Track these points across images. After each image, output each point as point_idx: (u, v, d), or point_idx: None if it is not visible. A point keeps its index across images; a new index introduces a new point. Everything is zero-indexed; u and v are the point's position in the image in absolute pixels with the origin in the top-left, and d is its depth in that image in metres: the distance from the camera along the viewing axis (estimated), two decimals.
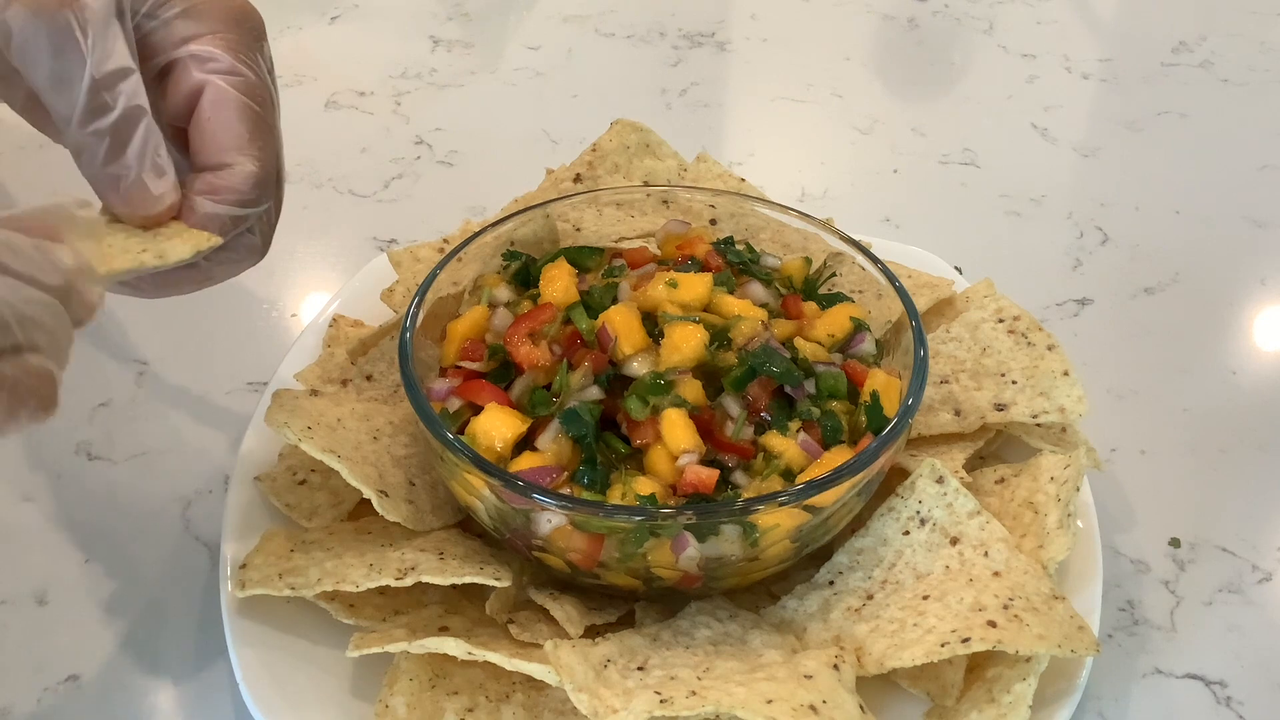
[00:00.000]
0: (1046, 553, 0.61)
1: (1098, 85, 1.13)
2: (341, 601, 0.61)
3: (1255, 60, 1.16)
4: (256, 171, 0.55)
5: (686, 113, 1.08)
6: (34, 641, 0.65)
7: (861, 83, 1.13)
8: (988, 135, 1.05)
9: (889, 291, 0.68)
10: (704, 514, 0.57)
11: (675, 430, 0.60)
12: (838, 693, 0.55)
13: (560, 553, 0.59)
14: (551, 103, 1.08)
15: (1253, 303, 0.90)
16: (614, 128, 0.85)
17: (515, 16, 1.21)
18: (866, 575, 0.62)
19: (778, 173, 0.99)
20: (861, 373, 0.65)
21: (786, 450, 0.61)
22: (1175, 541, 0.71)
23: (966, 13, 1.22)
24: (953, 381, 0.71)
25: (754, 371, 0.62)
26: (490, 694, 0.59)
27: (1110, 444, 0.76)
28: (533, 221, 0.74)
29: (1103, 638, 0.63)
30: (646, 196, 0.77)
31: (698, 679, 0.55)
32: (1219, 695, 0.64)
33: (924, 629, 0.58)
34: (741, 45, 1.17)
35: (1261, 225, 0.96)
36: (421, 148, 1.01)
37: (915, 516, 0.63)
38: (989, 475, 0.68)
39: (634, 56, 1.15)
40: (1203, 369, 0.84)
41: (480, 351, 0.66)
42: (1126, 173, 1.02)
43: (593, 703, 0.53)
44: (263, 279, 0.88)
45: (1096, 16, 1.26)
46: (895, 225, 0.94)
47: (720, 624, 0.61)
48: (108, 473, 0.74)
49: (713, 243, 0.73)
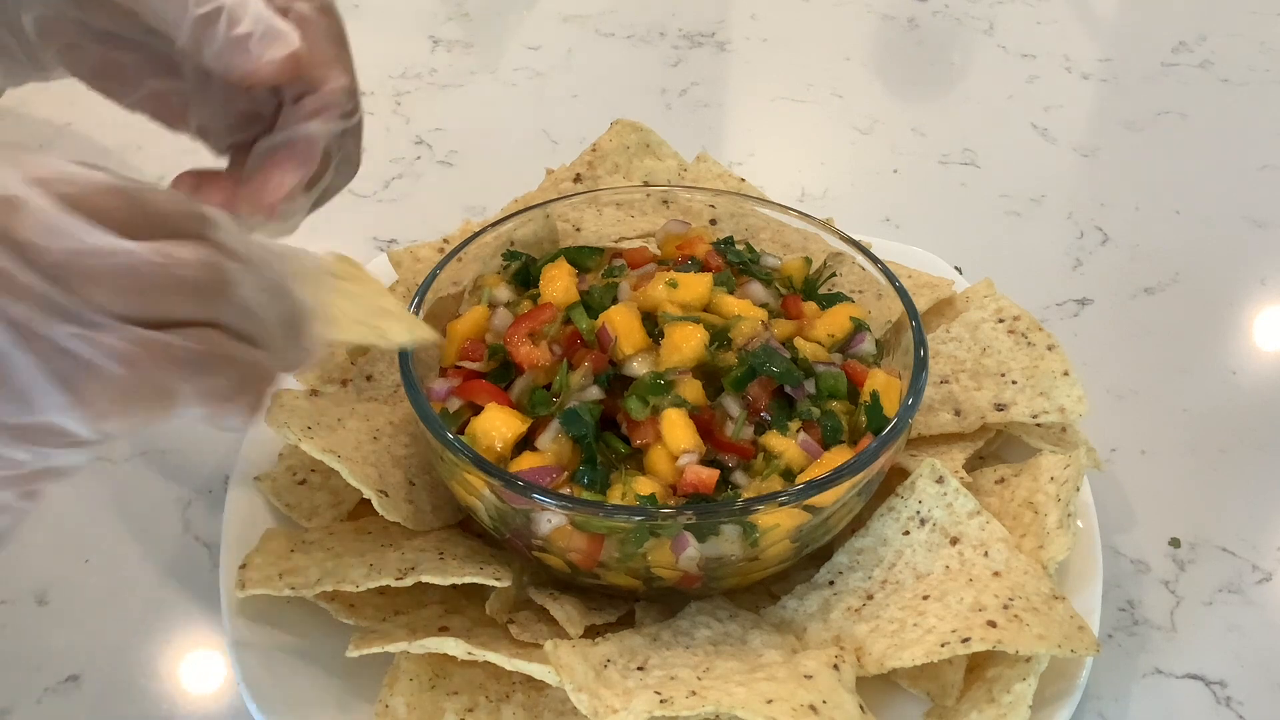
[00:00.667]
0: (1046, 553, 0.61)
1: (1098, 85, 1.13)
2: (341, 601, 0.61)
3: (1255, 60, 1.16)
4: (348, 84, 0.58)
5: (686, 113, 1.08)
6: (34, 641, 0.65)
7: (861, 83, 1.13)
8: (988, 135, 1.05)
9: (889, 291, 0.68)
10: (704, 514, 0.57)
11: (675, 430, 0.60)
12: (838, 693, 0.55)
13: (560, 553, 0.59)
14: (551, 103, 1.08)
15: (1253, 303, 0.90)
16: (614, 128, 0.85)
17: (515, 16, 1.21)
18: (866, 575, 0.62)
19: (778, 173, 0.99)
20: (861, 373, 0.65)
21: (786, 450, 0.61)
22: (1175, 541, 0.71)
23: (966, 13, 1.22)
24: (953, 381, 0.71)
25: (754, 371, 0.62)
26: (490, 694, 0.59)
27: (1110, 444, 0.76)
28: (533, 221, 0.74)
29: (1103, 638, 0.63)
30: (646, 196, 0.77)
31: (698, 679, 0.55)
32: (1219, 695, 0.64)
33: (924, 629, 0.58)
34: (741, 45, 1.17)
35: (1261, 225, 0.96)
36: (421, 148, 1.01)
37: (915, 516, 0.63)
38: (989, 475, 0.68)
39: (634, 56, 1.15)
40: (1203, 369, 0.84)
41: (480, 351, 0.66)
42: (1126, 173, 1.02)
43: (593, 703, 0.53)
44: None
45: (1096, 16, 1.26)
46: (895, 225, 0.94)
47: (720, 624, 0.61)
48: (108, 473, 0.74)
49: (713, 243, 0.73)
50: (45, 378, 0.37)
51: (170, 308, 0.39)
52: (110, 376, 0.37)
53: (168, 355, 0.38)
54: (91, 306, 0.37)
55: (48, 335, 0.36)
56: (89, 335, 0.37)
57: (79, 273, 0.37)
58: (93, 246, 0.37)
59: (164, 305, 0.38)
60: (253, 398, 0.42)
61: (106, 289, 0.37)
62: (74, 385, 0.37)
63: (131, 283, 0.38)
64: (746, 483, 0.60)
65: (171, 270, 0.38)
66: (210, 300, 0.40)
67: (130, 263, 0.38)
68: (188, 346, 0.39)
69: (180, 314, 0.39)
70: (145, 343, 0.38)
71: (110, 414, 0.38)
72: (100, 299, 0.37)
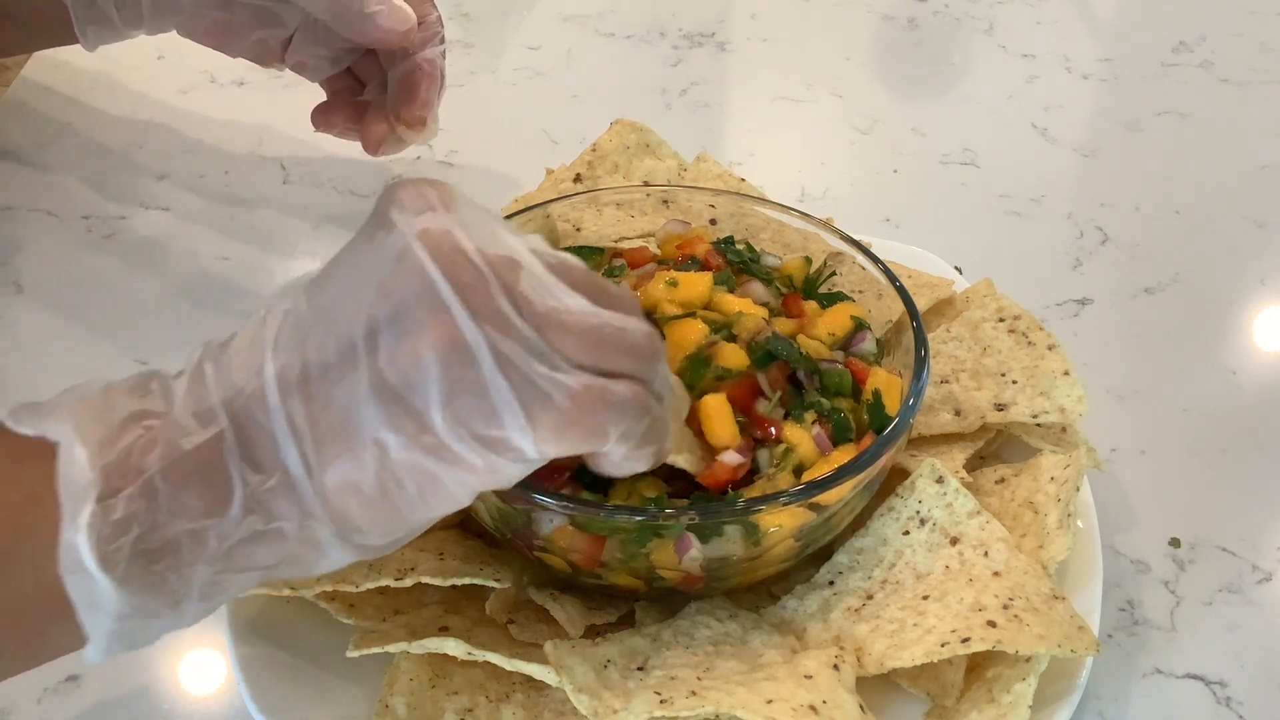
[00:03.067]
0: (1046, 553, 0.61)
1: (1098, 85, 1.13)
2: (341, 601, 0.61)
3: (1255, 60, 1.16)
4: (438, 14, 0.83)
5: (686, 113, 1.08)
6: None
7: (861, 83, 1.13)
8: (988, 135, 1.05)
9: (889, 291, 0.68)
10: (706, 514, 0.57)
11: (716, 420, 0.59)
12: (838, 693, 0.55)
13: (562, 553, 0.59)
14: (551, 103, 1.08)
15: (1253, 303, 0.90)
16: (614, 128, 0.85)
17: (515, 16, 1.21)
18: (866, 575, 0.62)
19: (778, 173, 0.99)
20: (863, 371, 0.65)
21: (802, 443, 0.60)
22: (1175, 541, 0.71)
23: (966, 13, 1.22)
24: (953, 381, 0.71)
25: (771, 355, 0.62)
26: (490, 694, 0.59)
27: (1110, 444, 0.76)
28: (533, 221, 0.74)
29: (1103, 638, 0.63)
30: (646, 196, 0.77)
31: (698, 679, 0.55)
32: (1219, 695, 0.64)
33: (924, 629, 0.58)
34: (741, 45, 1.17)
35: (1261, 225, 0.96)
36: (421, 148, 1.01)
37: (915, 516, 0.63)
38: (989, 475, 0.68)
39: (634, 56, 1.15)
40: (1203, 369, 0.84)
41: None
42: (1126, 173, 1.02)
43: (593, 703, 0.53)
44: (264, 279, 0.88)
45: (1096, 16, 1.26)
46: (895, 225, 0.94)
47: (720, 624, 0.60)
48: None
49: (713, 242, 0.73)
50: (514, 401, 0.44)
51: (616, 363, 0.47)
52: (560, 409, 0.45)
53: (606, 399, 0.46)
54: (559, 352, 0.45)
55: (524, 368, 0.44)
56: (552, 375, 0.45)
57: (555, 324, 0.45)
58: (568, 306, 0.46)
59: (612, 360, 0.47)
60: (659, 446, 0.51)
61: (573, 340, 0.46)
62: (531, 411, 0.45)
63: (593, 339, 0.46)
64: (768, 463, 0.60)
65: (625, 334, 0.47)
66: (647, 363, 0.48)
67: (595, 323, 0.46)
68: (623, 394, 0.47)
69: (621, 369, 0.47)
70: (592, 388, 0.46)
71: (553, 439, 0.45)
72: (567, 347, 0.45)
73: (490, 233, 0.46)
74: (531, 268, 0.46)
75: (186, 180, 0.97)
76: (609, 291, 0.49)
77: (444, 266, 0.44)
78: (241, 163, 0.99)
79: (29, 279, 0.88)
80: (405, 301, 0.44)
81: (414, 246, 0.45)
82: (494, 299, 0.44)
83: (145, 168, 0.98)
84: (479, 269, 0.45)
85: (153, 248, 0.91)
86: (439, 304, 0.44)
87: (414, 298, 0.44)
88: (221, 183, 0.97)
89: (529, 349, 0.45)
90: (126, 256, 0.90)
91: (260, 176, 0.98)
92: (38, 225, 0.92)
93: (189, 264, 0.90)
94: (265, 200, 0.96)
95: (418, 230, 0.45)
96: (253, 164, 0.99)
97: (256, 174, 0.98)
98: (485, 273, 0.45)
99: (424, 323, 0.44)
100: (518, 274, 0.46)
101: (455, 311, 0.44)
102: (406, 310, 0.44)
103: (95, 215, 0.93)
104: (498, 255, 0.46)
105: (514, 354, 0.44)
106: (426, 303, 0.44)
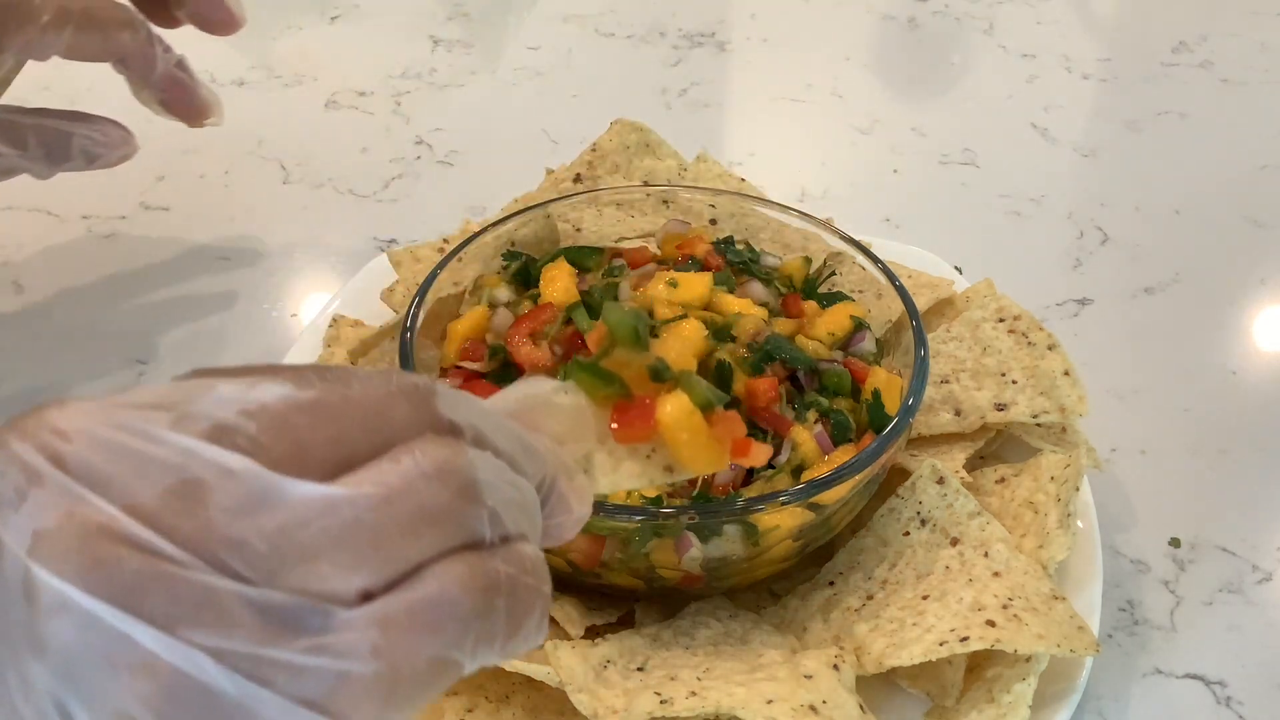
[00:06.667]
0: (1046, 553, 0.61)
1: (1098, 85, 1.13)
2: None
3: (1255, 60, 1.16)
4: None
5: (686, 113, 1.08)
6: None
7: (861, 83, 1.13)
8: (988, 135, 1.05)
9: (889, 291, 0.68)
10: (706, 514, 0.57)
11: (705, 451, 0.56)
12: (838, 693, 0.55)
13: (562, 553, 0.59)
14: (551, 103, 1.08)
15: (1253, 303, 0.90)
16: (614, 128, 0.85)
17: (515, 16, 1.21)
18: (867, 575, 0.62)
19: (778, 173, 0.99)
20: (863, 370, 0.65)
21: (805, 443, 0.60)
22: (1175, 541, 0.71)
23: (966, 13, 1.22)
24: (953, 381, 0.71)
25: (770, 355, 0.62)
26: (490, 694, 0.59)
27: (1110, 444, 0.76)
28: (533, 221, 0.74)
29: (1103, 638, 0.63)
30: (646, 196, 0.77)
31: (698, 679, 0.55)
32: (1219, 695, 0.64)
33: (923, 628, 0.58)
34: (741, 45, 1.17)
35: (1261, 225, 0.96)
36: (421, 148, 1.01)
37: (915, 517, 0.63)
38: (989, 475, 0.68)
39: (634, 56, 1.15)
40: (1203, 369, 0.84)
41: (481, 352, 0.65)
42: (1126, 173, 1.02)
43: (593, 703, 0.53)
44: (262, 278, 0.88)
45: (1096, 16, 1.26)
46: (895, 225, 0.94)
47: (720, 624, 0.61)
48: None
49: (713, 242, 0.73)
50: (294, 713, 0.30)
51: (412, 553, 0.32)
52: (366, 680, 0.30)
53: (427, 624, 0.31)
54: (318, 598, 0.30)
55: (281, 660, 0.29)
56: (326, 642, 0.30)
57: (290, 556, 0.30)
58: (299, 515, 0.30)
59: (403, 554, 0.31)
60: (537, 616, 0.35)
61: (328, 564, 0.30)
62: (330, 707, 0.30)
63: (356, 544, 0.31)
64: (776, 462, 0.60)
65: (398, 507, 0.31)
66: (458, 524, 0.33)
67: (347, 519, 0.31)
68: (448, 602, 0.32)
69: (426, 554, 0.32)
70: (394, 622, 0.31)
71: (383, 717, 0.31)
72: (325, 583, 0.30)
73: (142, 449, 0.30)
74: (220, 486, 0.30)
75: (186, 180, 0.97)
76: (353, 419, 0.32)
77: (90, 582, 0.29)
78: (241, 163, 0.99)
79: (29, 279, 0.88)
80: (73, 661, 0.29)
81: (36, 574, 0.29)
82: (188, 580, 0.29)
83: (145, 168, 0.98)
84: (141, 547, 0.29)
85: (153, 248, 0.91)
86: (113, 642, 0.29)
87: (79, 652, 0.29)
88: (221, 183, 0.97)
89: (272, 625, 0.30)
90: (126, 256, 0.90)
91: (260, 176, 0.98)
92: (38, 225, 0.93)
93: (189, 264, 0.90)
94: (265, 200, 0.96)
95: (29, 543, 0.29)
96: (253, 164, 0.99)
97: (256, 174, 0.98)
98: (155, 545, 0.29)
99: (107, 681, 0.29)
100: (201, 513, 0.30)
101: (142, 639, 0.29)
102: (80, 674, 0.29)
103: (95, 215, 0.94)
104: (165, 492, 0.30)
105: (255, 652, 0.29)
106: (98, 650, 0.29)
